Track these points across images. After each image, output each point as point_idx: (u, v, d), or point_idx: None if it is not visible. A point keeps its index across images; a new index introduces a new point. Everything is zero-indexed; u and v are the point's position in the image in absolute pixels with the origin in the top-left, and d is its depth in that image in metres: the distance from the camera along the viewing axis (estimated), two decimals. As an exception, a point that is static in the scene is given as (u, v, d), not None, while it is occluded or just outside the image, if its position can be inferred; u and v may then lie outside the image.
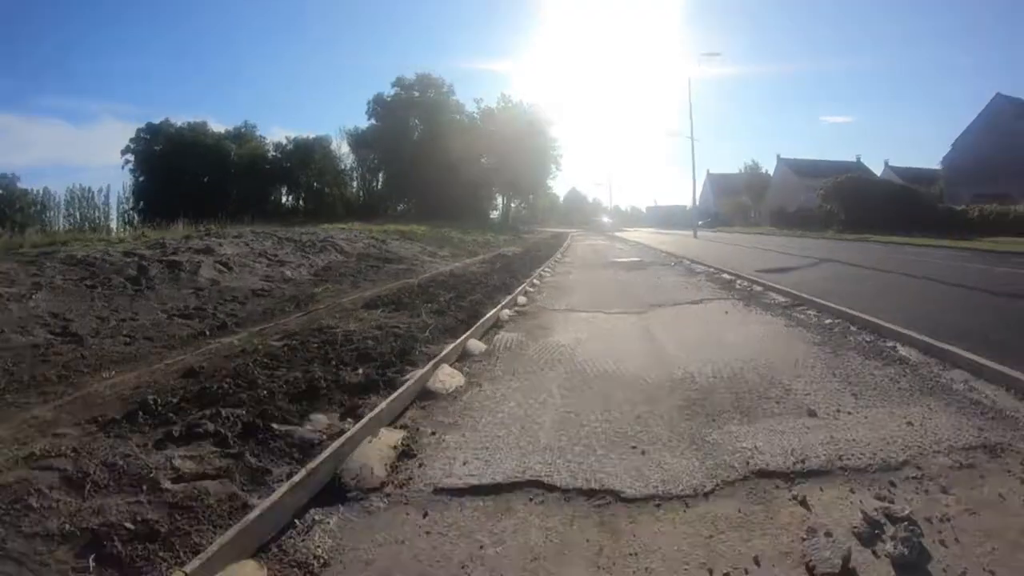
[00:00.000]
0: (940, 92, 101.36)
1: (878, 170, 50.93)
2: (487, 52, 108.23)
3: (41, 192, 46.72)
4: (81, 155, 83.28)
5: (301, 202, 54.56)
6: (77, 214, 47.19)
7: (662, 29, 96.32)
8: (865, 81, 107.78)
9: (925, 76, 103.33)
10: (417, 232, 23.59)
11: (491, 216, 52.00)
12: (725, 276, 10.04)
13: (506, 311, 6.57)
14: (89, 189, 48.70)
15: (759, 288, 8.27)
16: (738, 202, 52.91)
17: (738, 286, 8.74)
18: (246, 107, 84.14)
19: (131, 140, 51.44)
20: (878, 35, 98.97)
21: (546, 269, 12.41)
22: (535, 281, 9.85)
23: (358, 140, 49.54)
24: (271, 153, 53.88)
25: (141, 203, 48.44)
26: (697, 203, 74.13)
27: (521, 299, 7.69)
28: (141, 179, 50.77)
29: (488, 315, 5.95)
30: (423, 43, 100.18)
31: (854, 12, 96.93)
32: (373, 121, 48.49)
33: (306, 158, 51.57)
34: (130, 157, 51.15)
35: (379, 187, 48.66)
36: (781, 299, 7.19)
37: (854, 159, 55.74)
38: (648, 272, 11.60)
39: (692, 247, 19.99)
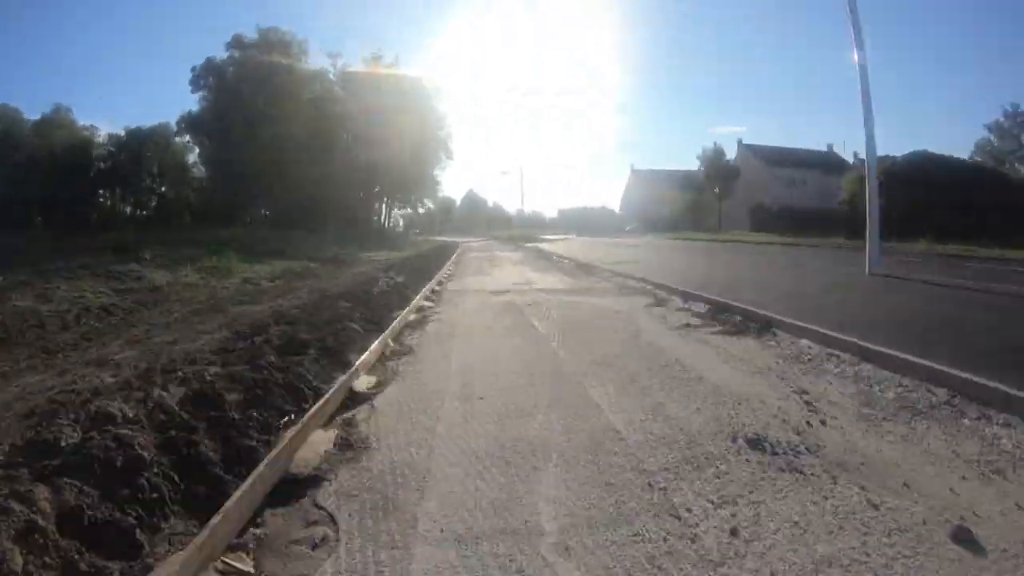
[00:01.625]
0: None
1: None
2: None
3: None
4: None
5: (141, 211, 42.19)
6: None
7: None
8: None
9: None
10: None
11: (384, 224, 39.73)
12: None
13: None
14: None
15: None
16: (698, 200, 42.86)
17: None
18: (66, 92, 59.77)
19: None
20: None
21: None
22: None
23: (192, 124, 35.78)
24: (108, 148, 41.07)
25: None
26: (617, 209, 63.25)
27: None
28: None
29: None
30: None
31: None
32: (204, 95, 34.76)
33: (141, 154, 39.28)
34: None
35: (230, 187, 34.30)
36: None
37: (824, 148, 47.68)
38: None
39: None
